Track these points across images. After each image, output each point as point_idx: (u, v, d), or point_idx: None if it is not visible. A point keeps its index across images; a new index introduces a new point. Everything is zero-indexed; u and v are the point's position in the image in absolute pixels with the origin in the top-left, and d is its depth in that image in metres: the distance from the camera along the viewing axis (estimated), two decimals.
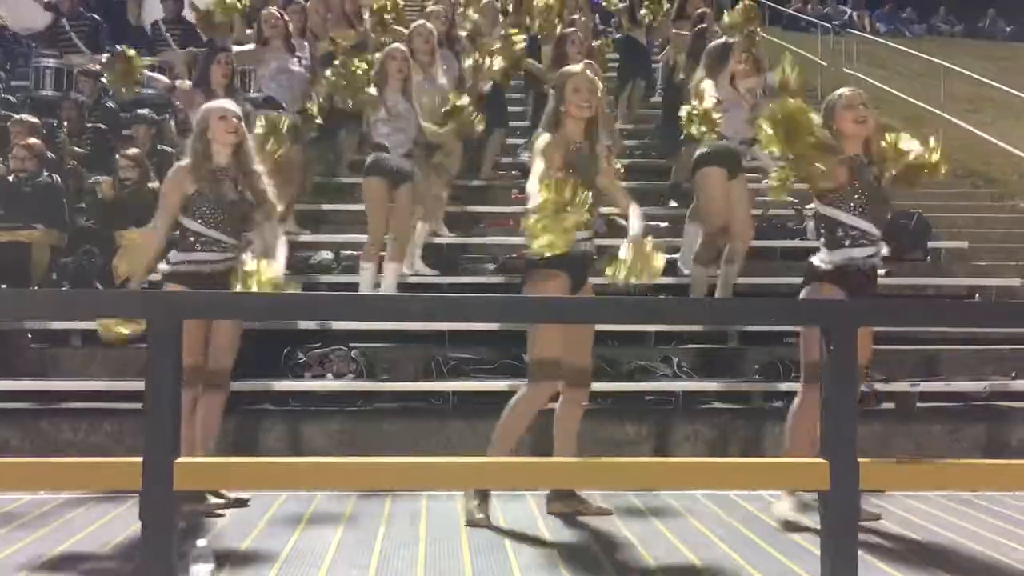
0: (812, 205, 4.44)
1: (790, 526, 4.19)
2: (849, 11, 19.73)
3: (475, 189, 8.38)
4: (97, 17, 10.72)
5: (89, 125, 8.55)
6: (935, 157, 4.27)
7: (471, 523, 4.22)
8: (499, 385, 5.81)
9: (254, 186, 4.41)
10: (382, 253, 6.68)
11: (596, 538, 4.09)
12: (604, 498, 4.49)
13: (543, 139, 4.26)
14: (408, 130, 6.20)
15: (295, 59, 7.04)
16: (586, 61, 6.25)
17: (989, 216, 9.35)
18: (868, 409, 5.86)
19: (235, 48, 6.86)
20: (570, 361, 4.32)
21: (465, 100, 6.60)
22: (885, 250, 4.32)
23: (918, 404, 6.07)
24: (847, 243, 4.21)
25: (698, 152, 6.27)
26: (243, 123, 4.43)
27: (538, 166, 4.15)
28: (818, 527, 3.24)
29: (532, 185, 4.04)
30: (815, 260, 4.30)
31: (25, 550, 3.81)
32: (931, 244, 7.90)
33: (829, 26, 15.49)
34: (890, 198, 4.40)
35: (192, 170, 4.35)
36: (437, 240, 7.42)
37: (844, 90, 4.41)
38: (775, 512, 4.30)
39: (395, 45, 6.50)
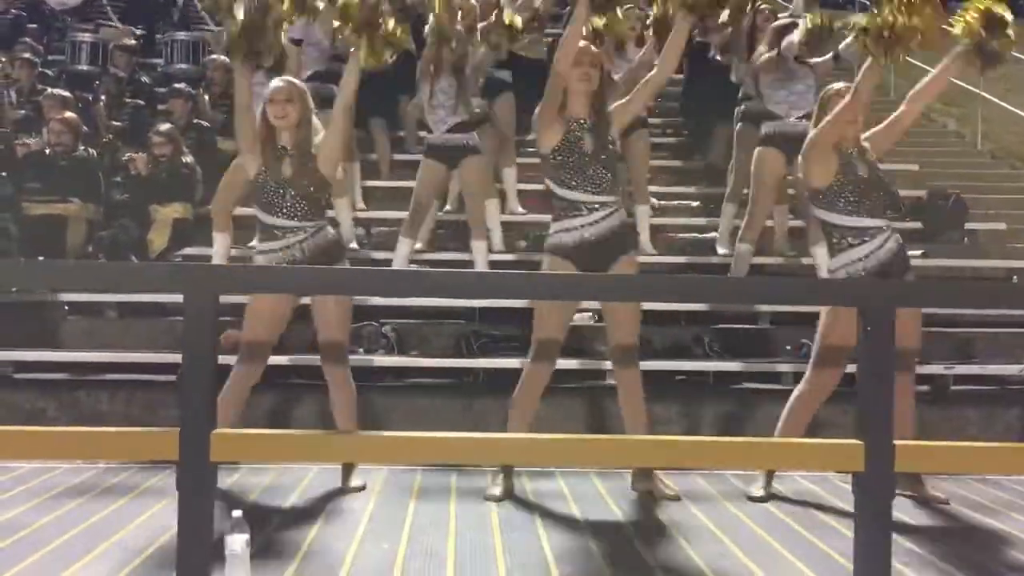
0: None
1: (757, 500, 4.34)
2: None
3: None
4: None
5: (128, 100, 8.60)
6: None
7: (489, 496, 4.26)
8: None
9: (314, 164, 4.25)
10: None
11: (626, 515, 4.10)
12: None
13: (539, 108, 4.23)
14: (447, 104, 6.14)
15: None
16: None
17: None
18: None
19: None
20: (614, 340, 4.35)
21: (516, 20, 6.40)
22: (891, 238, 4.22)
23: (952, 387, 6.01)
24: (845, 247, 4.20)
25: (763, 131, 6.32)
26: (300, 101, 4.25)
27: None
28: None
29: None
30: (824, 273, 4.29)
31: (64, 517, 3.88)
32: (968, 225, 7.79)
33: (867, 2, 15.24)
34: (891, 183, 4.35)
35: (255, 155, 4.28)
36: (512, 218, 7.32)
37: (838, 84, 4.38)
38: (750, 491, 4.42)
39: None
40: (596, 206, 4.17)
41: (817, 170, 4.21)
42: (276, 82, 4.33)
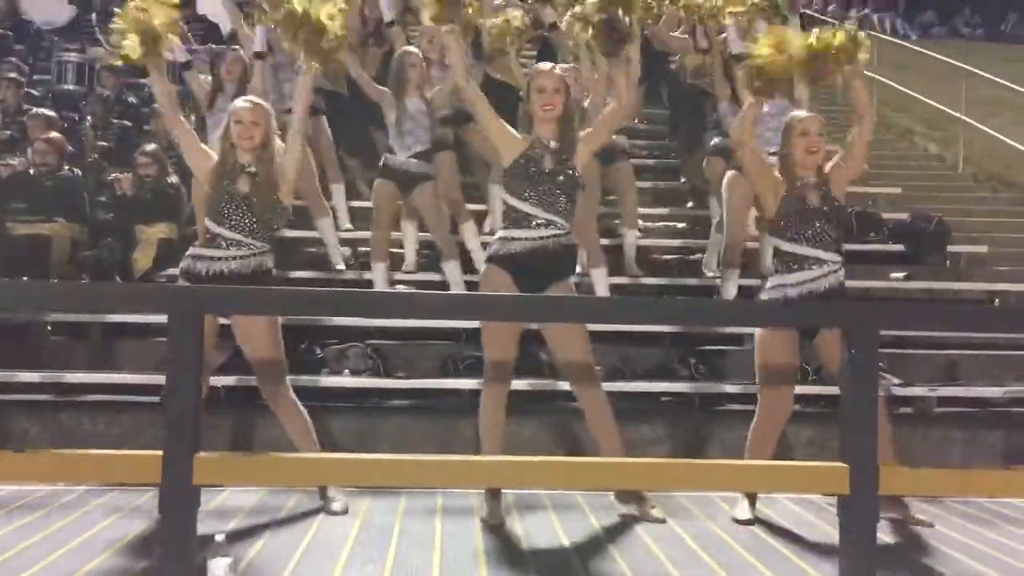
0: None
1: (744, 523, 4.32)
2: (867, 11, 19.64)
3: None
4: None
5: (114, 120, 8.59)
6: (839, 39, 4.14)
7: (484, 521, 4.23)
8: (514, 384, 5.80)
9: (271, 186, 4.27)
10: (391, 250, 6.71)
11: (612, 538, 4.09)
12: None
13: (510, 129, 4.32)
14: (416, 131, 6.14)
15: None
16: (565, 66, 5.89)
17: (1009, 220, 9.27)
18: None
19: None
20: (566, 361, 4.33)
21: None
22: (836, 272, 4.20)
23: (936, 409, 6.04)
24: (783, 271, 4.23)
25: (734, 160, 6.29)
26: (264, 123, 4.27)
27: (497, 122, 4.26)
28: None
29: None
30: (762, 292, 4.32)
31: (46, 540, 3.84)
32: (950, 248, 7.85)
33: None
34: (845, 217, 4.38)
35: (213, 168, 4.30)
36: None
37: (801, 114, 4.38)
38: (735, 514, 4.40)
39: (410, 48, 6.46)
40: (544, 222, 4.14)
41: (765, 196, 4.28)
42: (240, 102, 4.34)
